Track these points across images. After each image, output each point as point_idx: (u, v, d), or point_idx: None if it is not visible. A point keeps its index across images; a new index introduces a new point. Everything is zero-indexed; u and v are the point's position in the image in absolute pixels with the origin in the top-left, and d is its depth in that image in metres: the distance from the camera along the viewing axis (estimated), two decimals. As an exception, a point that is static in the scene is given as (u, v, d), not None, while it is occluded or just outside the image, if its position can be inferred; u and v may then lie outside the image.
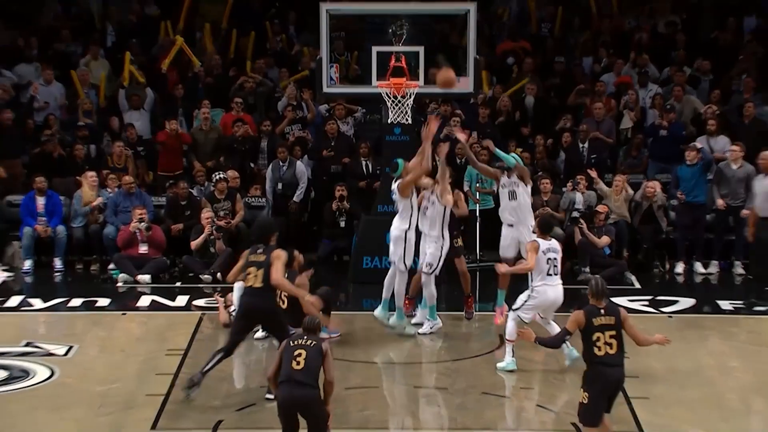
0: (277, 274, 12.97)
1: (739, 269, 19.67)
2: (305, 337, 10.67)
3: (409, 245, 15.63)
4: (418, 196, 15.82)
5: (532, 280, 14.17)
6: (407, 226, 15.57)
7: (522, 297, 14.30)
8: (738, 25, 24.46)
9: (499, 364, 14.19)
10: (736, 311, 17.28)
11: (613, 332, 10.59)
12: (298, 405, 10.40)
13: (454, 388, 14.13)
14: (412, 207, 15.58)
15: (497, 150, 15.90)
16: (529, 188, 16.08)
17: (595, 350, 10.62)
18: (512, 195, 15.76)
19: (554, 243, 14.28)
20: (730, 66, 23.35)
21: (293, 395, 10.34)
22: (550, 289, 13.94)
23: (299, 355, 10.44)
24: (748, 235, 18.41)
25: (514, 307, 14.12)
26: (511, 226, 15.93)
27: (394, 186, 15.61)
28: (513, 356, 14.13)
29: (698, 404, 13.25)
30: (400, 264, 15.57)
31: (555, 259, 14.14)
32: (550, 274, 13.82)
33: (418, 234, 15.88)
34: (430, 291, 15.51)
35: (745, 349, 15.43)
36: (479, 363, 15.05)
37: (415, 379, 14.54)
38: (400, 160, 15.67)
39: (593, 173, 19.91)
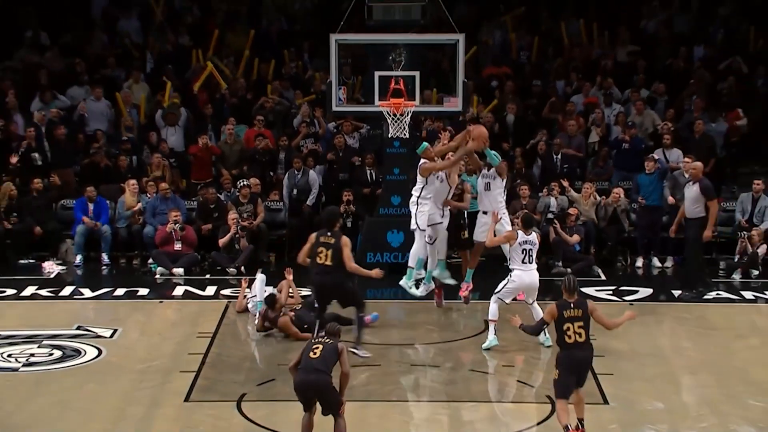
0: (350, 261, 13.30)
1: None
2: (325, 337, 10.66)
3: (421, 209, 15.53)
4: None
5: (511, 269, 14.32)
6: (419, 193, 15.52)
7: (502, 282, 14.38)
8: (689, 54, 24.26)
9: (484, 345, 14.14)
10: (687, 300, 17.27)
11: (581, 323, 10.80)
12: (312, 388, 10.33)
13: (444, 366, 14.08)
14: (426, 181, 15.53)
15: (488, 149, 15.87)
16: (503, 183, 15.98)
17: (566, 338, 10.82)
18: (487, 186, 15.70)
19: (533, 236, 14.45)
20: (682, 89, 23.19)
21: (308, 379, 10.30)
22: (525, 274, 14.11)
23: (317, 348, 10.44)
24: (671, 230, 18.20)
25: (495, 291, 14.17)
26: (485, 213, 15.85)
27: (420, 163, 15.55)
28: (495, 334, 14.12)
29: (656, 379, 13.24)
30: (413, 224, 15.63)
31: (531, 249, 14.28)
32: (525, 262, 14.00)
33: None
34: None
35: (695, 332, 15.41)
36: (466, 344, 14.97)
37: (411, 358, 14.45)
38: (425, 144, 15.66)
39: (565, 182, 19.81)
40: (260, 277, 15.45)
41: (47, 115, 21.62)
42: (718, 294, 17.70)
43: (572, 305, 11.01)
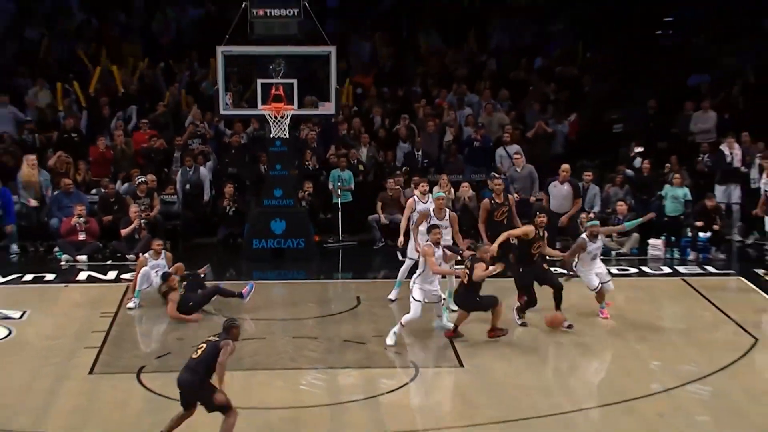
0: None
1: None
2: (215, 336, 10.13)
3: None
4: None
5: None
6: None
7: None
8: (529, 65, 24.58)
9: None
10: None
11: None
12: (181, 387, 9.83)
13: (323, 337, 14.07)
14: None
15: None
16: None
17: None
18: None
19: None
20: (523, 95, 23.50)
21: (181, 378, 9.85)
22: None
23: (201, 347, 10.00)
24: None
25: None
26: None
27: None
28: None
29: (502, 346, 13.36)
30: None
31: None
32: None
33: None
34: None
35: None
36: (341, 318, 14.89)
37: (293, 332, 14.40)
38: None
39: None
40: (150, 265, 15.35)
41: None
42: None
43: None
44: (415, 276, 13.79)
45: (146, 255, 15.52)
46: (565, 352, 13.59)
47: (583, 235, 14.25)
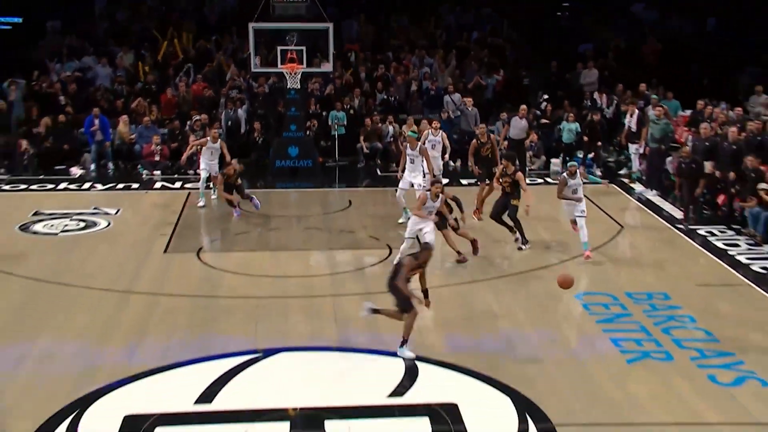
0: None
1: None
2: (413, 254, 8.74)
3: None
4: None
5: None
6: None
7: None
8: (469, 37, 23.42)
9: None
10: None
11: None
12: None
13: (325, 228, 13.75)
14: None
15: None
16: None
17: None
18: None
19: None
20: (465, 58, 22.30)
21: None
22: None
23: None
24: None
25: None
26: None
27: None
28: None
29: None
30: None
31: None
32: None
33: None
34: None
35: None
36: (337, 215, 14.73)
37: (304, 224, 14.11)
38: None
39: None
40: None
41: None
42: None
43: None
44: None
45: (207, 138, 15.02)
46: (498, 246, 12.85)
47: (564, 174, 12.38)
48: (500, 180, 12.48)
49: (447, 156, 15.44)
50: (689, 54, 22.00)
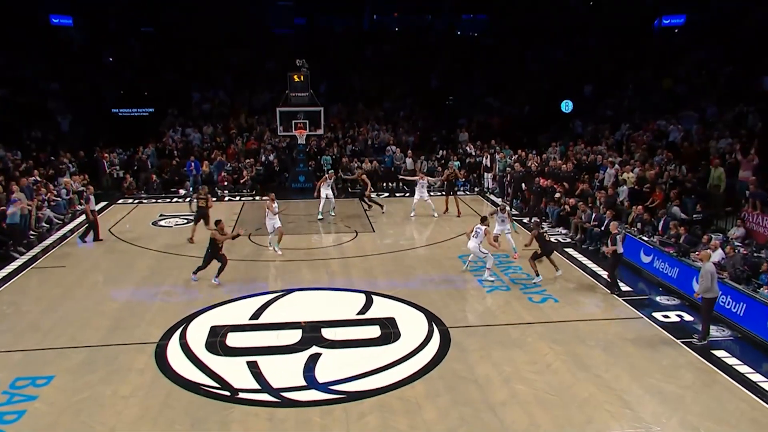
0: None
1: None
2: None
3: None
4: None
5: None
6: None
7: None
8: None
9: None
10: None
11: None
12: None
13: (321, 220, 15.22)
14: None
15: None
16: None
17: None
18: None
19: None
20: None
21: None
22: None
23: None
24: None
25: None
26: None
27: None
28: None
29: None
30: None
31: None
32: None
33: None
34: None
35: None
36: (329, 215, 16.60)
37: (308, 218, 16.40)
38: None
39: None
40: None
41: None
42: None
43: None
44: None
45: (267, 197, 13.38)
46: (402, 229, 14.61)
47: (498, 208, 12.37)
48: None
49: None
50: (517, 126, 25.76)
